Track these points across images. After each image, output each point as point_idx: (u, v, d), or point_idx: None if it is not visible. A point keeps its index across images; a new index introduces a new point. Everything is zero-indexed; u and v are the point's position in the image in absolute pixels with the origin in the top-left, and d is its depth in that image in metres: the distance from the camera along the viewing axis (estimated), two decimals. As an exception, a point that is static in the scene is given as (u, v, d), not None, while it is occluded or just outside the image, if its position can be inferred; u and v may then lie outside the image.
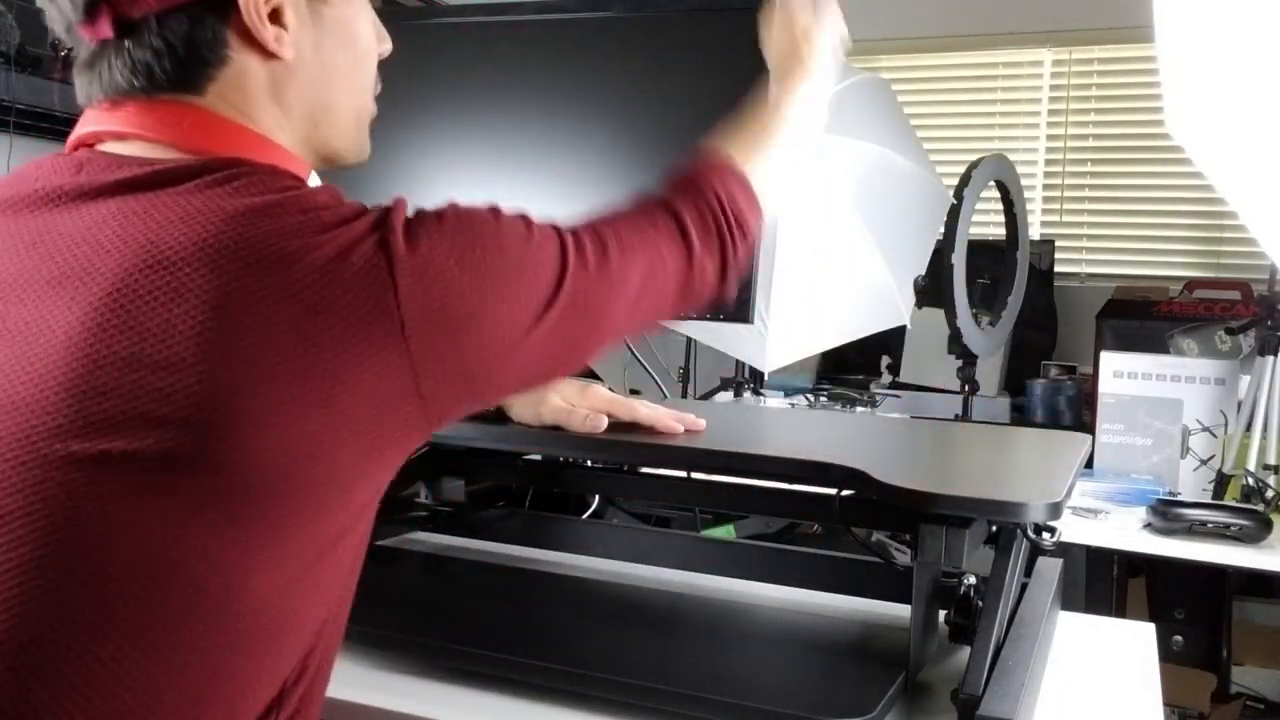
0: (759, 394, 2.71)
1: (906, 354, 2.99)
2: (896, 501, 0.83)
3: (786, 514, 1.76)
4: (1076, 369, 2.89)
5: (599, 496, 1.58)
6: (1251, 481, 1.96)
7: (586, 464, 1.35)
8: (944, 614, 0.95)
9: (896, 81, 3.04)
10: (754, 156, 0.92)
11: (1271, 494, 1.94)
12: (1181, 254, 3.19)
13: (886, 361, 3.03)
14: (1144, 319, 2.69)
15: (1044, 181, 3.35)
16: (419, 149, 1.29)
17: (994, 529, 0.92)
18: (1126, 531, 1.88)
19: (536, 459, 1.30)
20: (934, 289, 2.37)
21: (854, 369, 3.09)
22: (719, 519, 2.18)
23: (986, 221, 2.95)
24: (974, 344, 2.36)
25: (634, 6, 1.22)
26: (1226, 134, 1.66)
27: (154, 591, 0.58)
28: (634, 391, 1.99)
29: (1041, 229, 3.31)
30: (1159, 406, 2.12)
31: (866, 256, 2.36)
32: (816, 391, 2.86)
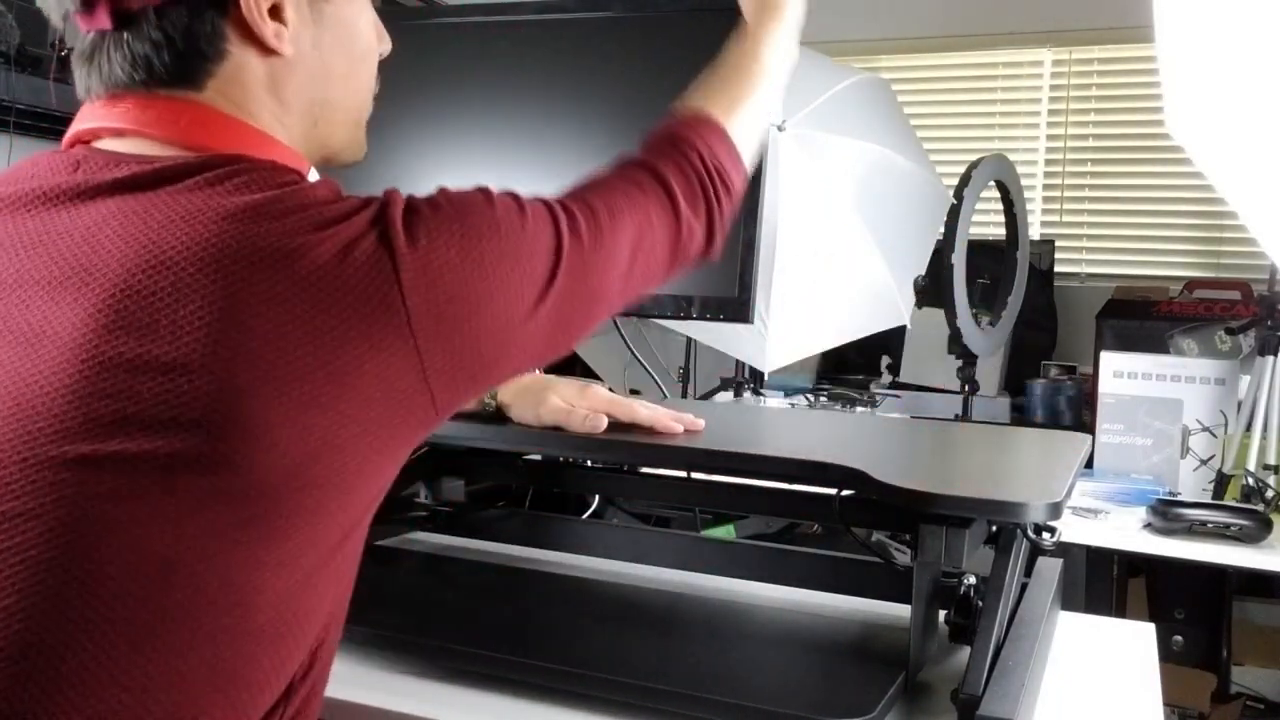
0: (759, 394, 2.70)
1: (906, 354, 2.99)
2: (896, 501, 0.83)
3: (786, 514, 1.76)
4: (1076, 369, 2.89)
5: (599, 496, 1.57)
6: (1251, 481, 1.96)
7: (586, 464, 1.35)
8: (944, 614, 0.95)
9: (896, 81, 3.04)
10: (733, 109, 0.91)
11: (1271, 494, 1.94)
12: (1181, 254, 3.19)
13: (886, 361, 3.04)
14: (1144, 319, 2.69)
15: (1044, 181, 3.35)
16: (419, 149, 1.29)
17: (994, 529, 0.92)
18: (1126, 531, 1.88)
19: (536, 459, 1.30)
20: (934, 289, 2.37)
21: (854, 369, 3.09)
22: (719, 519, 2.18)
23: (986, 221, 2.95)
24: (974, 344, 2.36)
25: (634, 6, 1.22)
26: (1226, 134, 1.66)
27: (160, 593, 0.58)
28: (634, 391, 1.99)
29: (1041, 229, 3.31)
30: (1159, 406, 2.12)
31: (866, 256, 2.36)
32: (816, 391, 2.86)
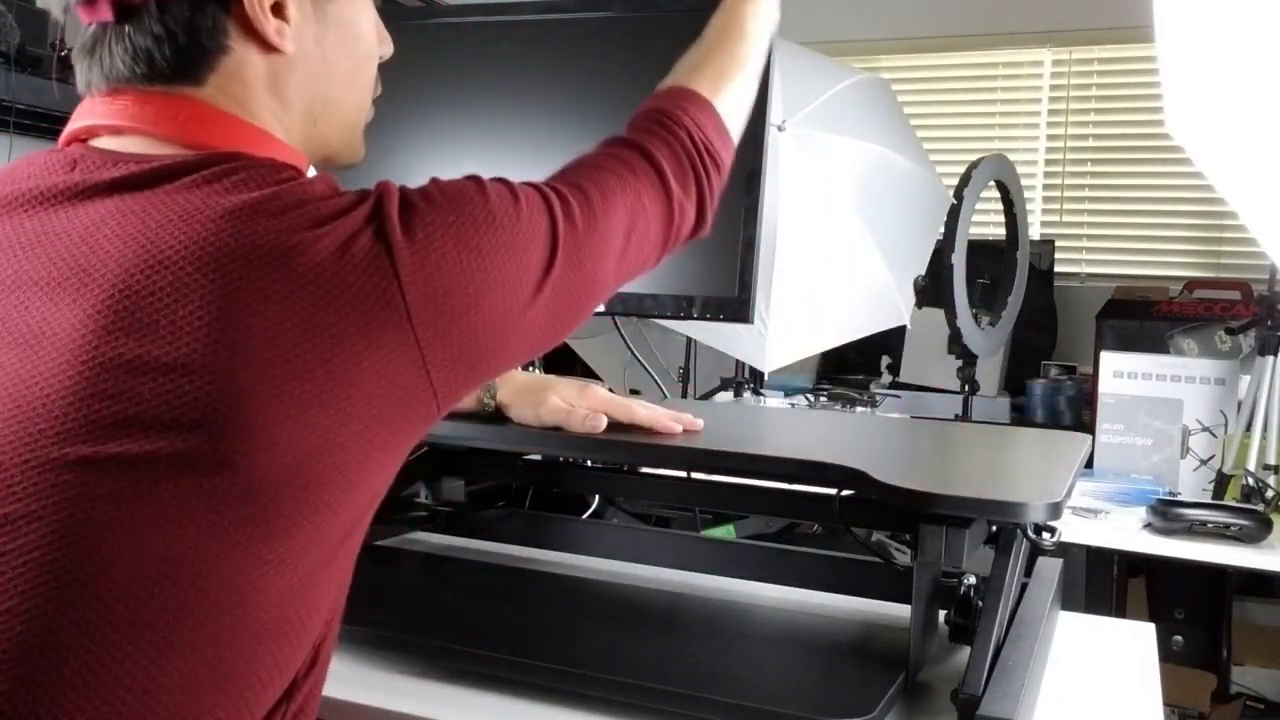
0: (759, 394, 2.70)
1: (906, 354, 3.00)
2: (896, 501, 0.83)
3: (786, 514, 1.76)
4: (1076, 369, 2.89)
5: (599, 496, 1.58)
6: (1251, 481, 1.96)
7: (586, 464, 1.35)
8: (944, 614, 0.95)
9: (896, 81, 3.04)
10: (719, 83, 0.91)
11: (1271, 494, 1.94)
12: (1181, 254, 3.19)
13: (886, 361, 3.04)
14: (1144, 319, 2.69)
15: (1044, 181, 3.35)
16: (419, 148, 1.29)
17: (994, 529, 0.92)
18: (1126, 531, 1.88)
19: (536, 459, 1.30)
20: (934, 289, 2.37)
21: (854, 369, 3.09)
22: (719, 519, 2.18)
23: (986, 221, 2.95)
24: (974, 344, 2.36)
25: (634, 6, 1.22)
26: (1226, 134, 1.66)
27: (162, 594, 0.58)
28: (634, 391, 1.99)
29: (1041, 229, 3.31)
30: (1159, 406, 2.12)
31: (866, 256, 2.36)
32: (816, 391, 2.86)
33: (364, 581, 0.74)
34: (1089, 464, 1.81)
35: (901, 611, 0.96)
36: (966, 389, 2.41)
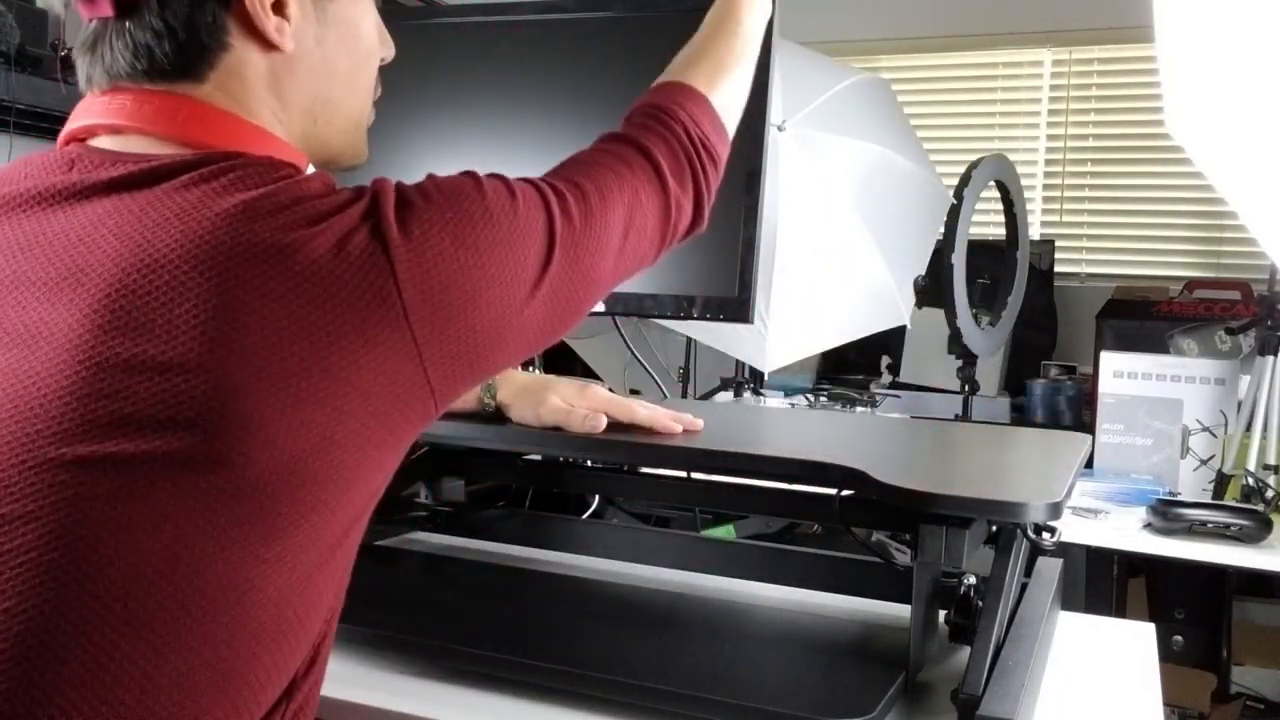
0: (759, 394, 2.70)
1: (906, 354, 3.00)
2: (896, 501, 0.83)
3: (786, 514, 1.76)
4: (1076, 369, 2.89)
5: (599, 496, 1.57)
6: (1251, 481, 1.96)
7: (586, 464, 1.35)
8: (944, 614, 0.95)
9: (896, 81, 3.04)
10: (715, 78, 0.91)
11: (1271, 494, 1.94)
12: (1181, 254, 3.19)
13: (886, 361, 3.04)
14: (1144, 319, 2.69)
15: (1044, 181, 3.35)
16: (419, 148, 1.29)
17: (994, 529, 0.92)
18: (1126, 531, 1.88)
19: (536, 459, 1.30)
20: (934, 289, 2.37)
21: (854, 369, 3.09)
22: (719, 519, 2.18)
23: (986, 221, 2.95)
24: (974, 344, 2.36)
25: (634, 6, 1.22)
26: (1226, 134, 1.66)
27: (160, 593, 0.58)
28: (634, 391, 1.99)
29: (1041, 229, 3.31)
30: (1159, 406, 2.12)
31: (866, 256, 2.36)
32: (816, 391, 2.86)
33: (364, 581, 0.74)
34: (1089, 464, 1.81)
35: (901, 611, 0.96)
36: (966, 389, 2.41)
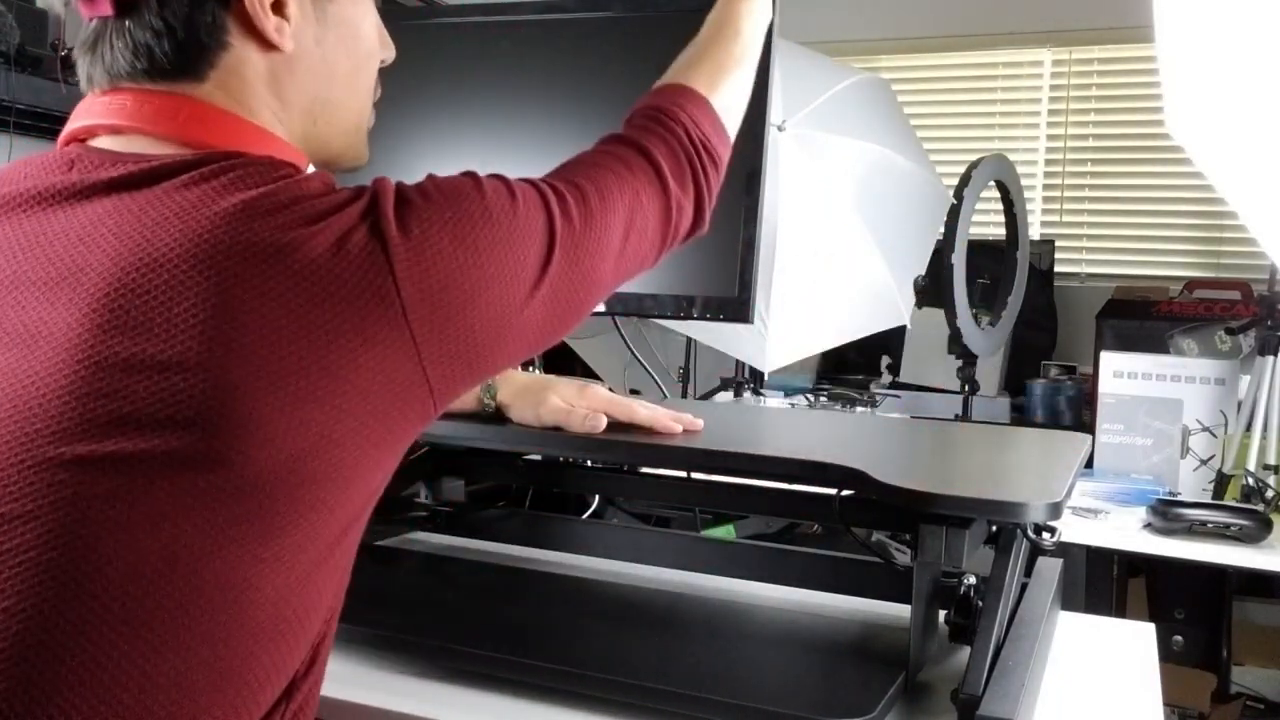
0: (759, 394, 2.71)
1: (906, 354, 3.00)
2: (896, 501, 0.83)
3: (786, 514, 1.76)
4: (1076, 369, 2.89)
5: (599, 496, 1.57)
6: (1251, 481, 1.96)
7: (586, 464, 1.35)
8: (944, 614, 0.95)
9: (896, 81, 3.04)
10: (715, 80, 0.91)
11: (1271, 494, 1.94)
12: (1181, 254, 3.19)
13: (886, 361, 3.04)
14: (1144, 319, 2.69)
15: (1044, 181, 3.35)
16: (419, 148, 1.29)
17: (994, 529, 0.92)
18: (1126, 531, 1.88)
19: (536, 459, 1.30)
20: (934, 289, 2.37)
21: (854, 369, 3.09)
22: (719, 519, 2.18)
23: (986, 221, 2.95)
24: (974, 344, 2.36)
25: (634, 6, 1.22)
26: (1226, 134, 1.66)
27: (158, 592, 0.58)
28: (634, 391, 1.99)
29: (1041, 229, 3.31)
30: (1159, 406, 2.12)
31: (866, 256, 2.36)
32: (816, 391, 2.86)
33: (364, 581, 0.74)
34: (1089, 464, 1.81)
35: (901, 611, 0.96)
36: (966, 389, 2.41)
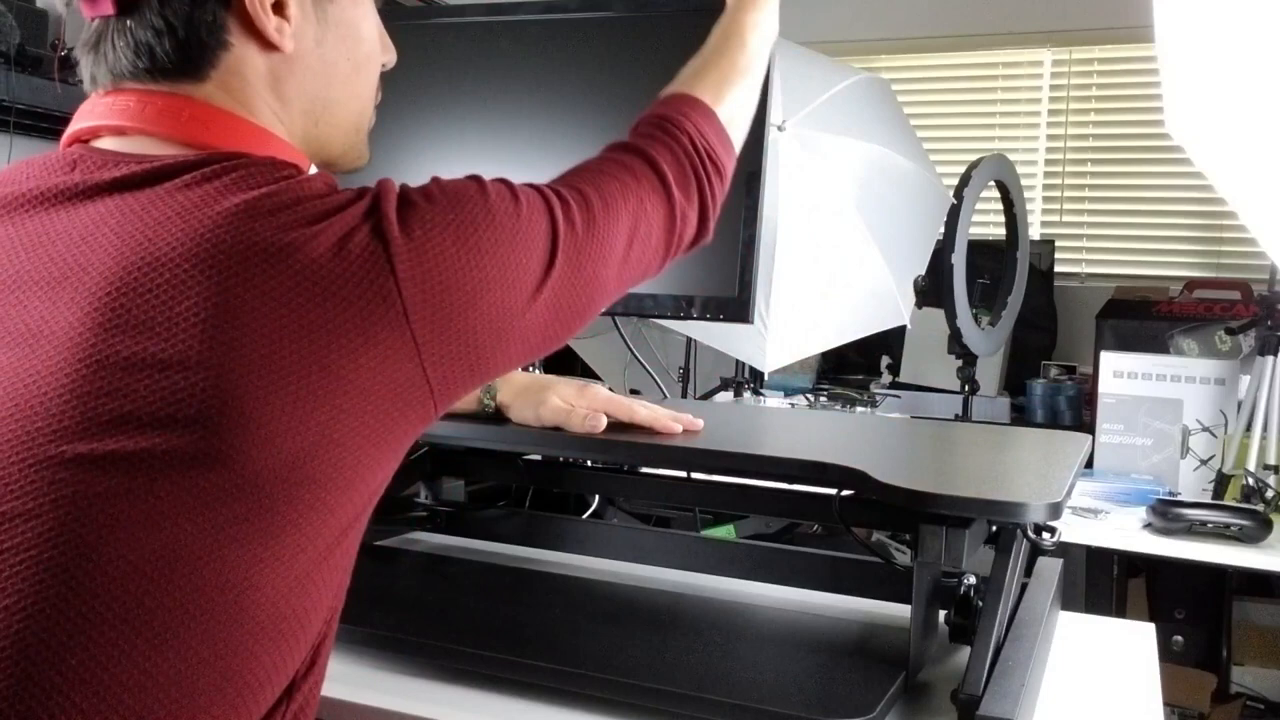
0: (759, 394, 2.71)
1: (906, 354, 3.00)
2: (896, 501, 0.83)
3: (786, 514, 1.76)
4: (1076, 369, 2.89)
5: (599, 496, 1.58)
6: (1251, 481, 1.96)
7: (586, 464, 1.35)
8: (944, 614, 0.95)
9: (896, 81, 3.04)
10: (720, 90, 0.92)
11: (1271, 494, 1.94)
12: (1181, 254, 3.19)
13: (886, 361, 3.04)
14: (1144, 319, 2.69)
15: (1044, 181, 3.35)
16: (419, 148, 1.29)
17: (994, 529, 0.92)
18: (1126, 531, 1.88)
19: (536, 459, 1.30)
20: (934, 289, 2.37)
21: (854, 369, 3.09)
22: (719, 519, 2.18)
23: (986, 221, 2.95)
24: (974, 344, 2.36)
25: (634, 6, 1.22)
26: (1226, 134, 1.66)
27: (158, 591, 0.58)
28: (634, 391, 1.99)
29: (1041, 229, 3.31)
30: (1159, 406, 2.12)
31: (866, 256, 2.36)
32: (816, 391, 2.86)
33: (364, 581, 0.74)
34: (1089, 464, 1.81)
35: (901, 611, 0.96)
36: (966, 389, 2.41)
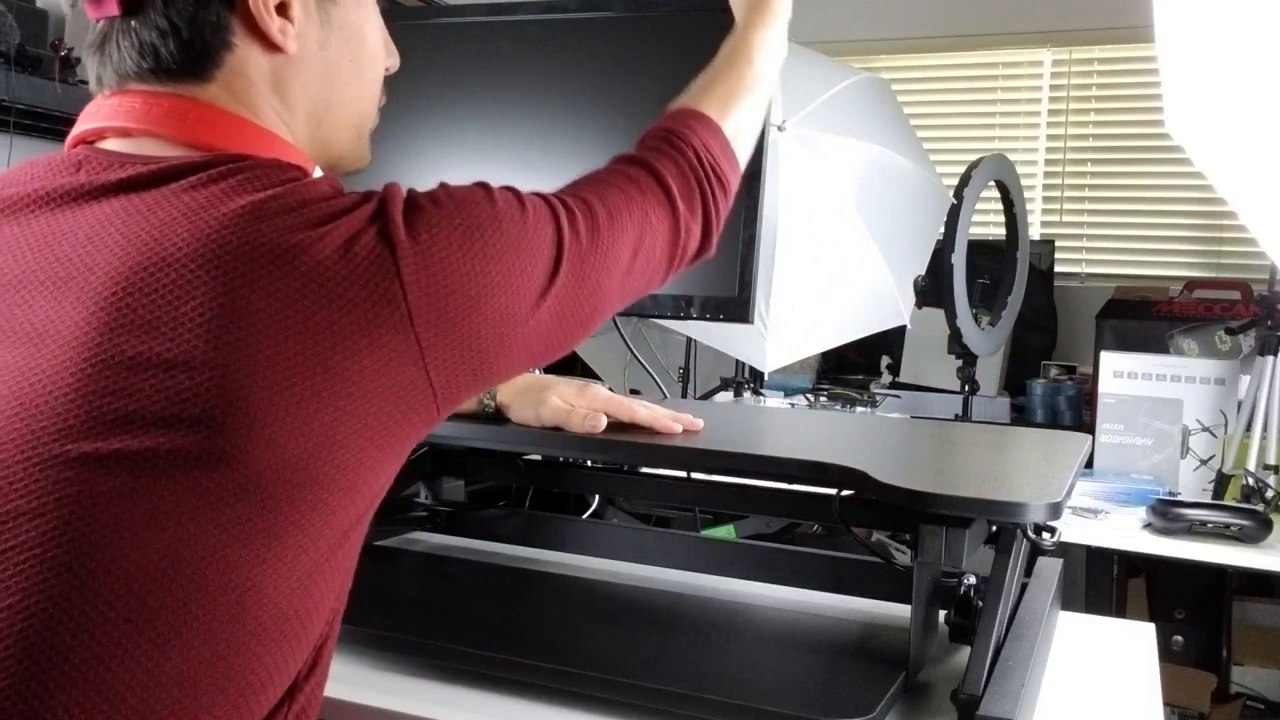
0: (759, 394, 2.71)
1: (906, 354, 3.00)
2: (896, 501, 0.83)
3: (786, 514, 1.76)
4: (1076, 369, 2.89)
5: (599, 496, 1.58)
6: (1251, 481, 1.96)
7: (586, 464, 1.35)
8: (944, 614, 0.95)
9: (896, 81, 3.04)
10: (727, 106, 0.92)
11: (1271, 494, 1.94)
12: (1181, 254, 3.20)
13: (886, 361, 3.04)
14: (1144, 319, 2.69)
15: (1044, 181, 3.35)
16: (419, 148, 1.29)
17: (994, 529, 0.92)
18: (1126, 531, 1.88)
19: (536, 459, 1.30)
20: (934, 289, 2.38)
21: (854, 369, 3.09)
22: (719, 519, 2.18)
23: (986, 221, 2.95)
24: (974, 344, 2.36)
25: (634, 6, 1.22)
26: (1226, 134, 1.66)
27: (162, 591, 0.58)
28: (634, 391, 1.99)
29: (1041, 229, 3.31)
30: (1159, 406, 2.12)
31: (866, 256, 2.36)
32: (816, 391, 2.86)
33: (364, 581, 0.74)
34: (1089, 464, 1.81)
35: (901, 611, 0.96)
36: (966, 389, 2.41)
